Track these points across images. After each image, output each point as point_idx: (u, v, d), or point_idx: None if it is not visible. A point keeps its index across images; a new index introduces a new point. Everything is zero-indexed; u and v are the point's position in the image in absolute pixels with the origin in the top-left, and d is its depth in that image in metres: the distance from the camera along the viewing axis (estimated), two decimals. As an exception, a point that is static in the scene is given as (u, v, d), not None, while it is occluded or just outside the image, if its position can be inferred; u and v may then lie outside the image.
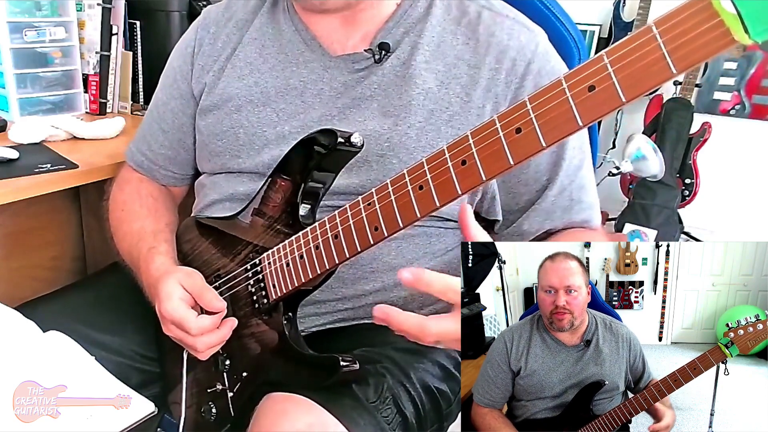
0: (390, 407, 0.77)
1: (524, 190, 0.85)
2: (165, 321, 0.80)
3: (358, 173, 0.83)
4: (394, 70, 0.85)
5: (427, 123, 0.82)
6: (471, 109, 0.82)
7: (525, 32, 0.84)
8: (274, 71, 0.90)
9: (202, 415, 0.86)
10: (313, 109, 0.86)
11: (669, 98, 2.63)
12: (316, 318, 0.88)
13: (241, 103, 0.90)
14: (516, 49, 0.82)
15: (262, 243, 0.80)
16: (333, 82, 0.86)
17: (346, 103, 0.85)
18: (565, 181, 0.84)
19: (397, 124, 0.82)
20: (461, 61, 0.84)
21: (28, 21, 1.36)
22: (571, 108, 0.49)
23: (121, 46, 1.52)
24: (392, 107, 0.83)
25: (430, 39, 0.85)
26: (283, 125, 0.87)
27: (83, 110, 1.50)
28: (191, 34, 0.99)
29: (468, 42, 0.84)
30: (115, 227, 1.00)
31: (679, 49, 0.44)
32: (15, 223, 1.43)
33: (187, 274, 0.82)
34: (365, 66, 0.86)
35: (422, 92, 0.83)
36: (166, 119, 1.00)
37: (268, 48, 0.91)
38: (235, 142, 0.90)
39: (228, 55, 0.93)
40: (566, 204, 0.85)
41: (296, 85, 0.88)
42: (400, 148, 0.82)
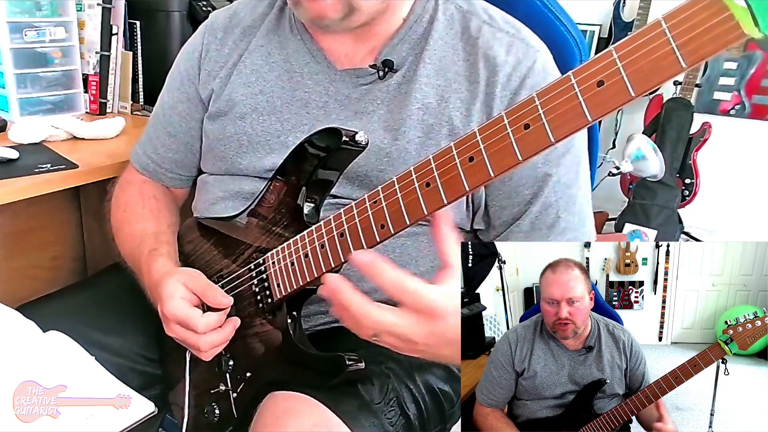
0: (394, 409, 0.77)
1: (507, 203, 0.84)
2: (168, 321, 0.80)
3: (360, 186, 0.83)
4: (397, 85, 0.85)
5: (427, 138, 0.82)
6: (470, 123, 0.82)
7: (523, 48, 0.83)
8: (279, 81, 0.90)
9: (205, 416, 0.86)
10: (317, 121, 0.87)
11: (669, 98, 2.63)
12: (321, 316, 0.88)
13: (246, 110, 0.90)
14: (512, 65, 0.82)
15: (265, 243, 0.80)
16: (337, 95, 0.87)
17: (348, 116, 0.86)
18: (552, 198, 0.82)
19: (397, 139, 0.82)
20: (461, 77, 0.84)
21: (28, 21, 1.36)
22: (580, 103, 0.49)
23: (121, 46, 1.52)
24: (393, 121, 0.83)
25: (432, 54, 0.85)
26: (287, 135, 0.88)
27: (83, 110, 1.50)
28: (198, 39, 0.99)
29: (468, 58, 0.84)
30: (117, 228, 1.00)
31: (689, 43, 0.44)
32: (15, 223, 1.43)
33: (189, 274, 0.82)
34: (369, 81, 0.86)
35: (422, 107, 0.83)
36: (173, 123, 1.00)
37: (274, 56, 0.92)
38: (239, 149, 0.90)
39: (235, 61, 0.93)
40: (551, 221, 0.82)
41: (301, 97, 0.88)
42: (399, 163, 0.82)
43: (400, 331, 0.61)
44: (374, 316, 0.61)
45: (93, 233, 1.55)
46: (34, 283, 1.45)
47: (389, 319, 0.61)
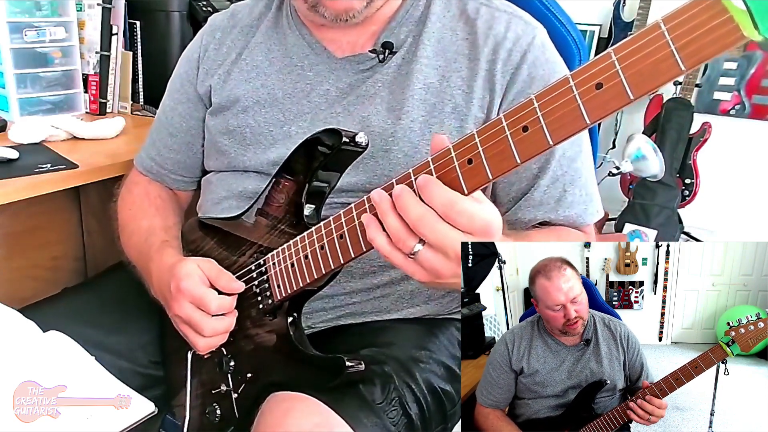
0: (396, 408, 0.77)
1: (515, 179, 0.85)
2: (180, 299, 0.80)
3: (365, 169, 0.84)
4: (397, 67, 0.86)
5: (430, 116, 0.84)
6: (473, 100, 0.84)
7: (522, 25, 0.86)
8: (280, 74, 0.91)
9: (206, 416, 0.86)
10: (320, 110, 0.88)
11: (669, 98, 2.63)
12: (324, 313, 0.88)
13: (248, 103, 0.91)
14: (512, 41, 0.84)
15: (266, 243, 0.80)
16: (339, 83, 0.88)
17: (351, 101, 0.87)
18: (558, 171, 0.83)
19: (401, 119, 0.83)
20: (461, 56, 0.85)
21: (28, 21, 1.36)
22: (579, 106, 0.49)
23: (121, 46, 1.52)
24: (396, 102, 0.85)
25: (430, 36, 0.86)
26: (289, 125, 0.89)
27: (83, 110, 1.50)
28: (197, 42, 1.01)
29: (467, 37, 0.86)
30: (123, 225, 1.01)
31: (688, 46, 0.44)
32: (15, 223, 1.43)
33: (203, 260, 0.83)
34: (370, 66, 0.87)
35: (424, 87, 0.84)
36: (174, 123, 1.02)
37: (274, 52, 0.93)
38: (242, 141, 0.91)
39: (234, 59, 0.95)
40: (558, 195, 0.84)
41: (303, 88, 0.90)
42: (404, 143, 0.83)
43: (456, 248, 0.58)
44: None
45: (93, 233, 1.55)
46: (34, 283, 1.45)
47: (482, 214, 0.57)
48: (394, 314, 0.89)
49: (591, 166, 0.88)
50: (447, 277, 0.60)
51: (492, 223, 0.58)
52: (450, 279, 0.60)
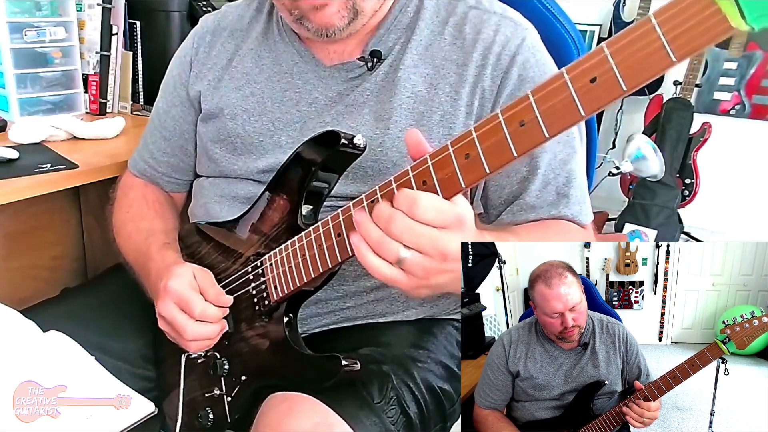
0: (394, 407, 0.77)
1: (506, 182, 0.84)
2: (166, 298, 0.80)
3: (354, 180, 0.83)
4: (385, 75, 0.86)
5: (418, 125, 0.83)
6: (460, 107, 0.83)
7: (511, 26, 0.85)
8: (270, 82, 0.91)
9: (198, 420, 0.85)
10: (309, 119, 0.87)
11: (669, 98, 2.63)
12: (319, 318, 0.88)
13: (237, 111, 0.91)
14: (501, 44, 0.83)
15: (263, 248, 0.80)
16: (327, 91, 0.88)
17: (340, 110, 0.86)
18: (550, 175, 0.83)
19: (389, 128, 0.83)
20: (449, 62, 0.84)
21: (28, 21, 1.36)
22: (574, 99, 0.50)
23: (121, 46, 1.52)
24: (383, 111, 0.84)
25: (418, 44, 0.86)
26: (279, 134, 0.88)
27: (83, 110, 1.50)
28: (189, 43, 1.01)
29: (455, 42, 0.85)
30: (120, 227, 1.00)
31: (679, 38, 0.45)
32: (15, 223, 1.43)
33: (199, 268, 0.83)
34: (359, 74, 0.87)
35: (412, 96, 0.84)
36: (167, 126, 1.01)
37: (264, 59, 0.93)
38: (233, 151, 0.91)
39: (224, 65, 0.95)
40: (552, 199, 0.83)
41: (292, 96, 0.89)
42: (393, 152, 0.83)
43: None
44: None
45: (93, 233, 1.55)
46: (34, 283, 1.45)
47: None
48: (390, 317, 0.89)
49: (584, 168, 0.88)
50: (437, 277, 0.60)
51: (464, 214, 0.60)
52: (442, 280, 0.61)
